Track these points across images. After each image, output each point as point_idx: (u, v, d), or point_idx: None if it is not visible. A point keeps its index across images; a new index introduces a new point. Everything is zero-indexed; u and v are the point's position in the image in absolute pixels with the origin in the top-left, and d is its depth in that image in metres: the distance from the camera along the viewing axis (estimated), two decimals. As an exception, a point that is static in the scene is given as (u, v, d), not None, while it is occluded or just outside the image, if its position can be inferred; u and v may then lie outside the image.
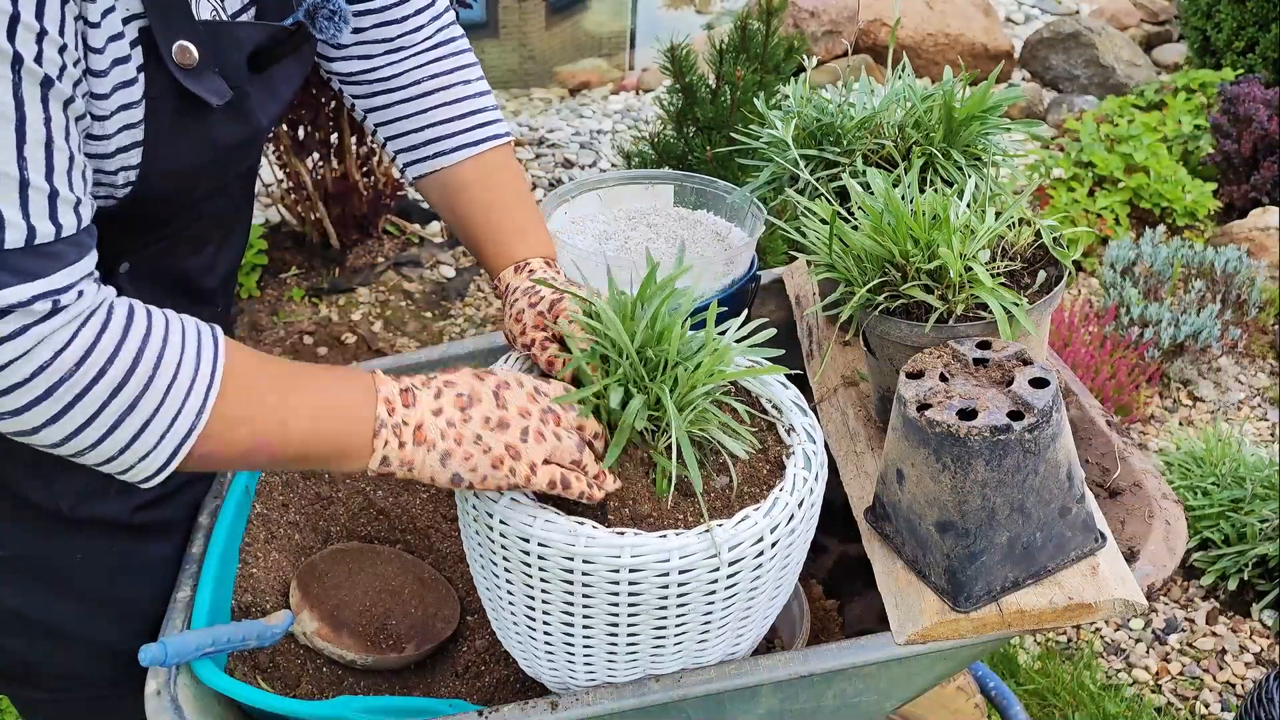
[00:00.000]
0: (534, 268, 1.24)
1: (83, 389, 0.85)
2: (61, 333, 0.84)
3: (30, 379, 0.84)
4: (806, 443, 1.09)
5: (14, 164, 0.81)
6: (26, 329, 0.82)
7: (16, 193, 0.81)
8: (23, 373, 0.83)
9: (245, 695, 1.17)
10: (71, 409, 0.86)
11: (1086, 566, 1.12)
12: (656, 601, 1.01)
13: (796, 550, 1.07)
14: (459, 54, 1.30)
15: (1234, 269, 3.39)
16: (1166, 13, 6.36)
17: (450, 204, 1.29)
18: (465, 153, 1.28)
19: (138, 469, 0.91)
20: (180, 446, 0.90)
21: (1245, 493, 2.55)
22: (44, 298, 0.83)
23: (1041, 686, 2.30)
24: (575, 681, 1.11)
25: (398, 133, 1.29)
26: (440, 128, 1.27)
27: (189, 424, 0.90)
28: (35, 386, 0.84)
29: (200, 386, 0.91)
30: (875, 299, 1.17)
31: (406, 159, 1.30)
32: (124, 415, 0.88)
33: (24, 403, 0.84)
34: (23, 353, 0.82)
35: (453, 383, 1.00)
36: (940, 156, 1.32)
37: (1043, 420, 1.02)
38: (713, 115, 2.92)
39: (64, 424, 0.86)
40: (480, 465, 0.98)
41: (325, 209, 3.56)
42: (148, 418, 0.88)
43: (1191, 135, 4.40)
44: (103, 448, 0.89)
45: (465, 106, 1.28)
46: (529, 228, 1.28)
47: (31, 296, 0.82)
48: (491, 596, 1.11)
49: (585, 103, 5.39)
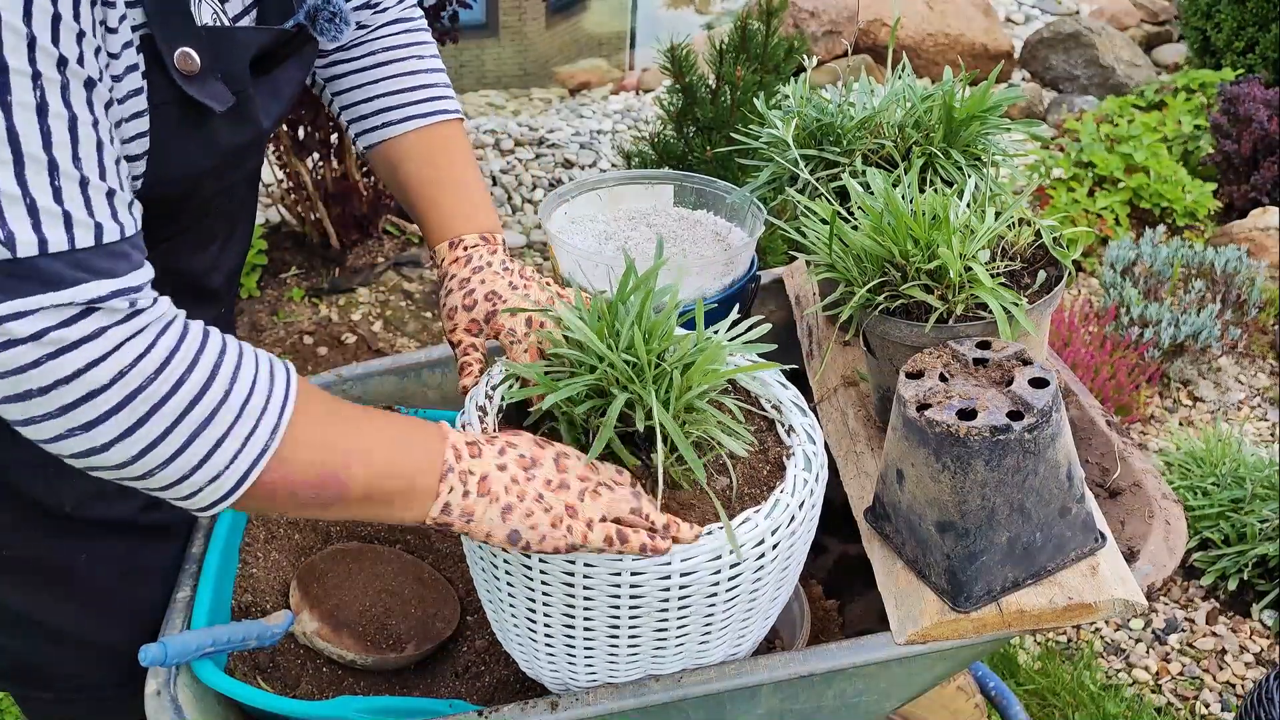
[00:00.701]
0: (468, 244, 1.25)
1: (159, 400, 0.82)
2: (141, 338, 0.81)
3: (107, 387, 0.80)
4: (806, 443, 1.09)
5: (71, 163, 0.79)
6: (105, 330, 0.80)
7: (79, 191, 0.80)
8: (99, 379, 0.80)
9: (245, 695, 1.17)
10: (145, 422, 0.82)
11: (1086, 566, 1.12)
12: (658, 604, 1.01)
13: (797, 551, 1.07)
14: (417, 31, 1.32)
15: (1234, 269, 3.39)
16: (1166, 13, 6.36)
17: (394, 175, 1.30)
18: (412, 124, 1.28)
19: (205, 493, 0.87)
20: (251, 469, 0.87)
21: (1245, 493, 2.55)
22: (121, 295, 0.81)
23: (1041, 686, 2.30)
24: (576, 683, 1.11)
25: (351, 102, 1.30)
26: (390, 98, 1.29)
27: (262, 444, 0.87)
28: (111, 396, 0.81)
29: (275, 406, 0.88)
30: (875, 299, 1.17)
31: (358, 128, 1.31)
32: (198, 431, 0.84)
33: (98, 414, 0.81)
34: (102, 355, 0.80)
35: (515, 444, 0.99)
36: (940, 156, 1.32)
37: (1042, 420, 1.02)
38: (713, 115, 2.92)
39: (136, 439, 0.83)
40: (540, 523, 0.96)
41: (325, 209, 3.56)
42: (221, 435, 0.85)
43: (1191, 135, 4.40)
44: (172, 468, 0.85)
45: (417, 80, 1.30)
46: (471, 202, 1.29)
47: (111, 292, 0.80)
48: (492, 598, 1.11)
49: (585, 103, 5.39)
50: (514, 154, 4.77)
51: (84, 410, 0.81)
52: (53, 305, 0.78)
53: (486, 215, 1.28)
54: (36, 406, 0.80)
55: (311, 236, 3.64)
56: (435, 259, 1.27)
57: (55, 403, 0.80)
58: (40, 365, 0.79)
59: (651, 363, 1.01)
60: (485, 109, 5.57)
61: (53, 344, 0.78)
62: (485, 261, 1.24)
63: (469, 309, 1.20)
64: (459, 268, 1.24)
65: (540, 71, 6.06)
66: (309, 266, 3.61)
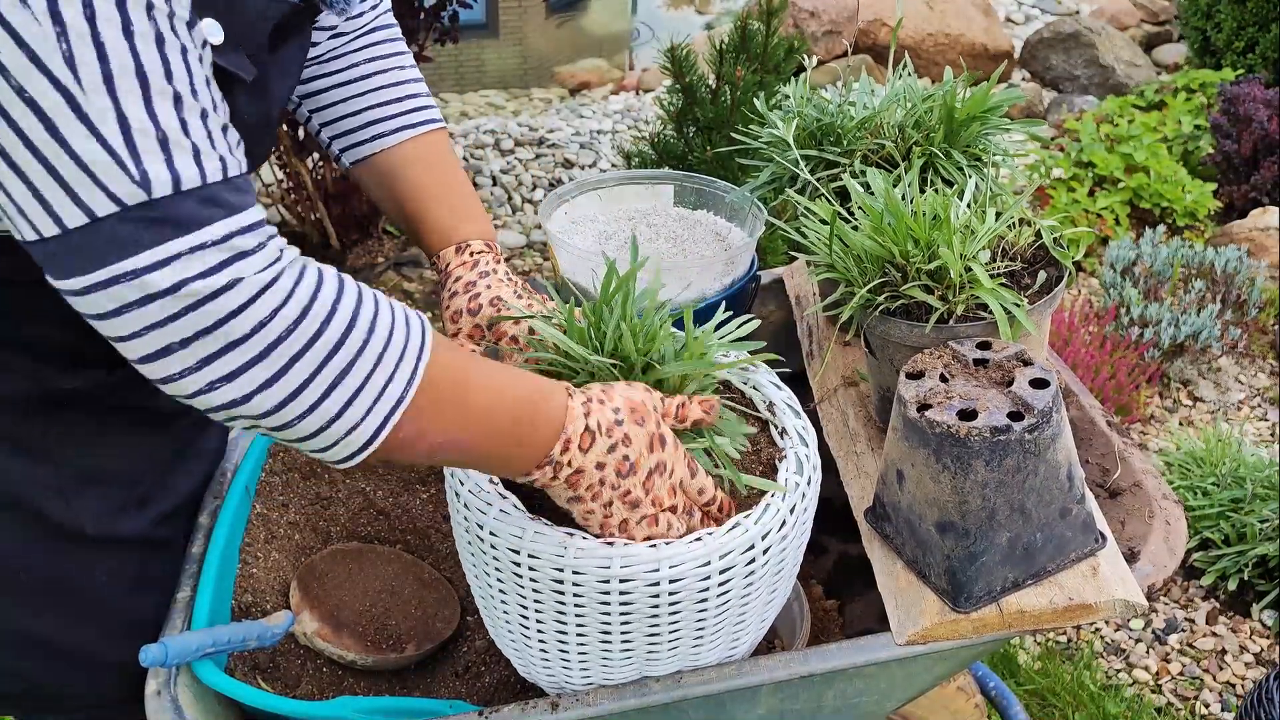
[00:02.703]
0: (475, 249, 1.25)
1: (300, 349, 0.80)
2: (279, 286, 0.79)
3: (248, 337, 0.78)
4: (799, 446, 1.09)
5: (190, 94, 0.76)
6: (241, 280, 0.77)
7: (201, 123, 0.77)
8: (240, 330, 0.78)
9: (245, 695, 1.17)
10: (286, 372, 0.80)
11: (1087, 567, 1.12)
12: (648, 610, 1.00)
13: (790, 555, 1.07)
14: (394, 40, 1.30)
15: (1234, 269, 3.39)
16: (1166, 13, 6.36)
17: (389, 186, 1.29)
18: (405, 134, 1.27)
19: (342, 444, 0.85)
20: (389, 417, 0.85)
21: (1245, 493, 2.55)
22: (250, 231, 0.78)
23: (1041, 686, 2.30)
24: (571, 685, 1.11)
25: (335, 117, 1.28)
26: (379, 110, 1.27)
27: (399, 392, 0.85)
28: (252, 346, 0.78)
29: (411, 353, 0.86)
30: (875, 299, 1.17)
31: (344, 144, 1.29)
32: (340, 378, 0.82)
33: (240, 363, 0.79)
34: (241, 304, 0.77)
35: (630, 439, 0.98)
36: (941, 157, 1.32)
37: (1043, 421, 1.02)
38: (713, 115, 2.92)
39: (278, 389, 0.80)
40: (591, 522, 0.99)
41: (325, 209, 3.56)
42: (362, 381, 0.83)
43: (1191, 135, 4.40)
44: (313, 416, 0.83)
45: (402, 90, 1.28)
46: (468, 209, 1.28)
47: (241, 228, 0.78)
48: (486, 603, 1.11)
49: (585, 103, 5.39)
50: (514, 154, 4.77)
51: (226, 361, 0.78)
52: (189, 249, 0.75)
53: (484, 221, 1.29)
54: (178, 360, 0.79)
55: (312, 236, 3.64)
56: (438, 264, 1.27)
57: (196, 355, 0.78)
58: (181, 317, 0.76)
59: (638, 364, 1.02)
60: (485, 109, 5.57)
61: (192, 295, 0.76)
62: (490, 268, 1.24)
63: (473, 313, 1.21)
64: (465, 270, 1.24)
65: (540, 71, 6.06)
66: (309, 266, 3.61)
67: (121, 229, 0.74)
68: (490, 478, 1.03)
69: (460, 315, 1.21)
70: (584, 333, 1.04)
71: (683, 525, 1.02)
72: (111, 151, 0.73)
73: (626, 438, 0.98)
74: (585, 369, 1.04)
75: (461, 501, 1.03)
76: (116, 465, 1.17)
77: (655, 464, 1.00)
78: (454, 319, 1.22)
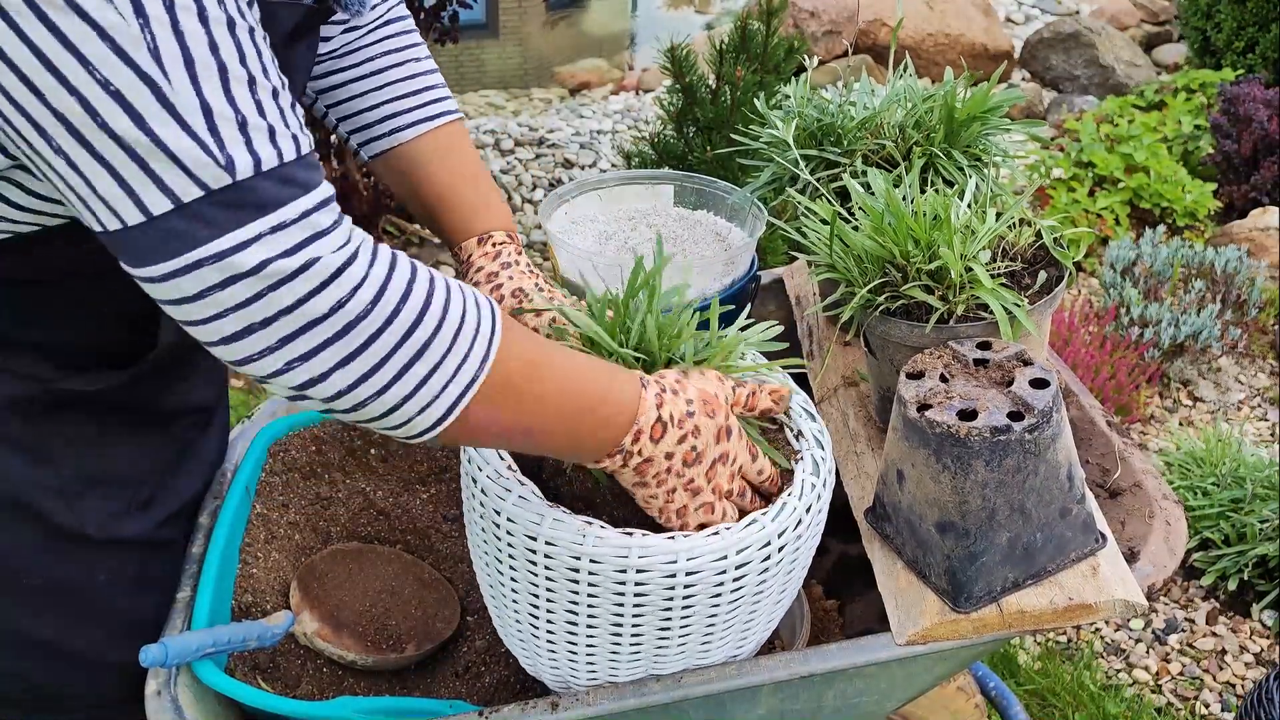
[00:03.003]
0: (497, 239, 1.26)
1: (377, 330, 0.81)
2: (356, 267, 0.81)
3: (326, 317, 0.80)
4: (815, 448, 1.09)
5: (263, 74, 0.78)
6: (320, 259, 0.79)
7: (273, 102, 0.79)
8: (319, 309, 0.79)
9: (245, 695, 1.17)
10: (363, 352, 0.81)
11: (1087, 567, 1.12)
12: (662, 603, 1.01)
13: (803, 555, 1.07)
14: (408, 33, 1.30)
15: (1234, 269, 3.39)
16: (1166, 13, 6.36)
17: (409, 179, 1.29)
18: (422, 127, 1.28)
19: (415, 422, 0.86)
20: (459, 401, 0.86)
21: (1245, 493, 2.55)
22: (325, 207, 0.80)
23: (1041, 687, 2.30)
24: (576, 681, 1.11)
25: (351, 112, 1.29)
26: (396, 104, 1.27)
27: (473, 372, 0.86)
28: (330, 325, 0.80)
29: (484, 337, 0.87)
30: (876, 299, 1.17)
31: (361, 138, 1.30)
32: (412, 361, 0.83)
33: (318, 343, 0.80)
34: (321, 284, 0.79)
35: (700, 431, 1.00)
36: (941, 157, 1.32)
37: (1043, 421, 1.02)
38: (713, 115, 2.92)
39: (352, 369, 0.82)
40: (653, 505, 1.01)
41: (325, 209, 3.56)
42: (435, 363, 0.84)
43: (1191, 135, 4.40)
44: (385, 397, 0.84)
45: (419, 83, 1.28)
46: (488, 200, 1.29)
47: (317, 204, 0.79)
48: (494, 593, 1.11)
49: (585, 103, 5.39)
50: (514, 154, 4.77)
51: (304, 340, 0.80)
52: (269, 229, 0.77)
53: (504, 211, 1.30)
54: (258, 341, 0.80)
55: (311, 236, 3.64)
56: (459, 254, 1.28)
57: (276, 335, 0.79)
58: (263, 298, 0.78)
59: (663, 358, 1.02)
60: (485, 109, 5.57)
61: (273, 275, 0.77)
62: (513, 259, 1.25)
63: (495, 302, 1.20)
64: (487, 261, 1.24)
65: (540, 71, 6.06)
66: (309, 266, 3.61)
67: (207, 213, 0.76)
68: (509, 464, 1.03)
69: None
70: (612, 325, 1.05)
71: (735, 511, 1.04)
72: (198, 139, 0.74)
73: (696, 429, 0.99)
74: (610, 360, 1.04)
75: (479, 487, 1.03)
76: (119, 467, 1.17)
77: (720, 454, 1.02)
78: None
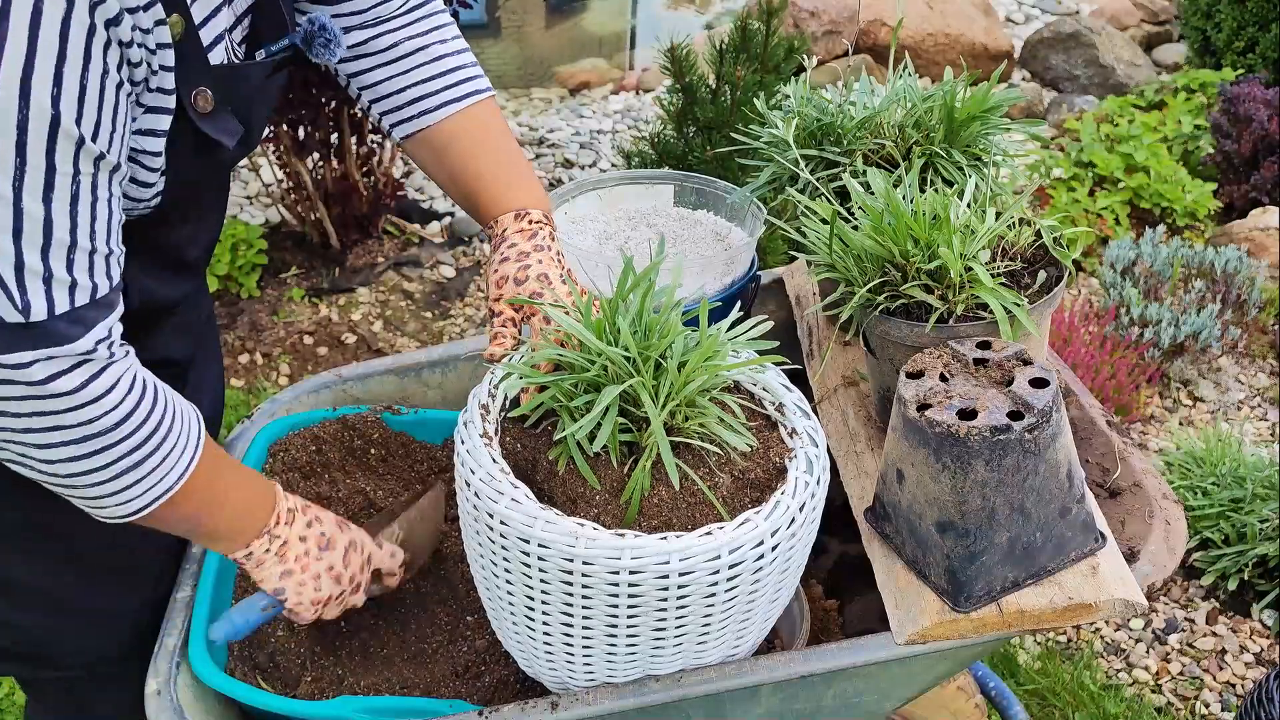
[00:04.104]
0: (534, 218, 1.26)
1: (110, 443, 0.98)
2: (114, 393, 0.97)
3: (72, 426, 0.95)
4: (809, 446, 1.09)
5: (88, 239, 0.93)
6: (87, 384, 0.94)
7: (87, 260, 0.93)
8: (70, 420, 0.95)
9: (245, 695, 1.17)
10: (90, 456, 0.98)
11: (1086, 566, 1.12)
12: (656, 603, 1.01)
13: (797, 554, 1.07)
14: (435, 15, 1.31)
15: (1234, 269, 3.39)
16: (1166, 13, 6.36)
17: (439, 160, 1.30)
18: (450, 109, 1.29)
19: (108, 511, 1.04)
20: (154, 502, 1.05)
21: (1245, 493, 2.55)
22: (103, 343, 0.95)
23: (1041, 686, 2.30)
24: (574, 681, 1.11)
25: (381, 95, 1.30)
26: (422, 86, 1.28)
27: (169, 485, 1.05)
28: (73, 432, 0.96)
29: (185, 459, 1.06)
30: (875, 299, 1.17)
31: (392, 120, 1.31)
32: (129, 469, 1.01)
33: (57, 441, 0.96)
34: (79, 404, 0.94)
35: (321, 520, 1.22)
36: (941, 156, 1.32)
37: (1043, 420, 1.02)
38: (713, 115, 2.92)
39: (76, 464, 0.98)
40: (304, 596, 1.18)
41: (325, 209, 3.55)
42: (144, 475, 1.02)
43: (1191, 135, 4.40)
44: (94, 489, 1.01)
45: (445, 64, 1.29)
46: (524, 176, 1.30)
47: (95, 343, 0.94)
48: (492, 596, 1.11)
49: (585, 103, 5.38)
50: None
51: (45, 435, 0.95)
52: (48, 358, 0.91)
53: (538, 189, 1.30)
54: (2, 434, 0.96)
55: (311, 236, 3.64)
56: (494, 229, 1.28)
57: (19, 426, 0.94)
58: (24, 401, 0.93)
59: (650, 358, 1.02)
60: (485, 109, 5.55)
61: (45, 390, 0.93)
62: (546, 243, 1.24)
63: (520, 282, 1.21)
64: (521, 239, 1.24)
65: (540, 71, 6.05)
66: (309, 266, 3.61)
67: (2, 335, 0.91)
68: (502, 468, 1.03)
69: (505, 281, 1.21)
70: (600, 325, 1.05)
71: (361, 600, 1.26)
72: (3, 283, 0.89)
73: (318, 519, 1.21)
74: (599, 360, 1.03)
75: (472, 490, 1.03)
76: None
77: (348, 541, 1.22)
78: (499, 284, 1.22)
